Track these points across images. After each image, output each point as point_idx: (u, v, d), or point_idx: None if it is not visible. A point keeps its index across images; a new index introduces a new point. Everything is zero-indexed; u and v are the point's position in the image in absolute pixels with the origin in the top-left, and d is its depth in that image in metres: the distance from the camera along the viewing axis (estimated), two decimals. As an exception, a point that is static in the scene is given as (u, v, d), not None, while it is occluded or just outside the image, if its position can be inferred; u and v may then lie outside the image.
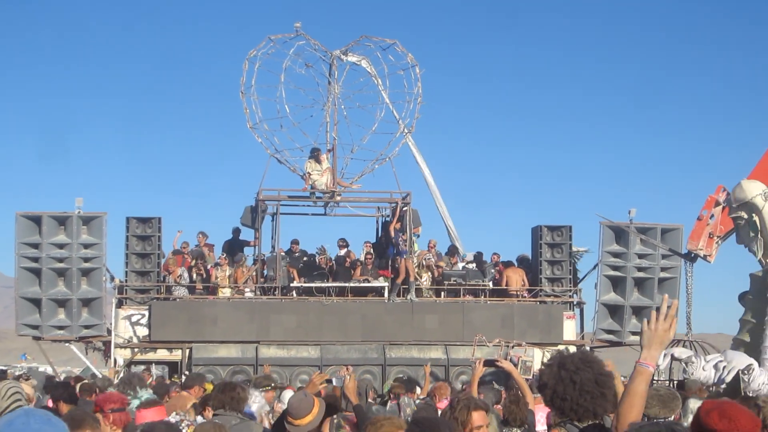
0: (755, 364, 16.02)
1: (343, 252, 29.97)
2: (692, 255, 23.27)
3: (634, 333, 28.65)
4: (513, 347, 26.31)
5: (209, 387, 21.77)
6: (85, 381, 18.72)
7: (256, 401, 9.49)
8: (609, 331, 29.02)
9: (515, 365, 25.48)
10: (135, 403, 10.18)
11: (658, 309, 5.55)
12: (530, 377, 24.77)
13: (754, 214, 18.26)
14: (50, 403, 12.83)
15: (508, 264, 30.49)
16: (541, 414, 12.94)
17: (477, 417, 7.32)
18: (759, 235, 18.23)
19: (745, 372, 15.70)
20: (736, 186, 18.91)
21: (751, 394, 13.86)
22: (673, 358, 17.76)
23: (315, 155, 29.25)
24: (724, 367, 16.28)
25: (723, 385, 16.14)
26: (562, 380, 5.85)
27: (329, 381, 10.43)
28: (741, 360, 16.21)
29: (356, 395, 10.18)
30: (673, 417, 9.22)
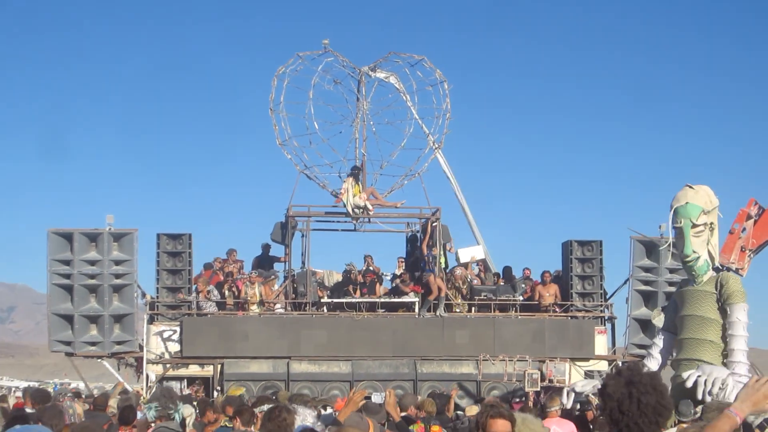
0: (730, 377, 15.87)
1: (369, 268, 30.01)
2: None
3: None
4: (517, 362, 26.50)
5: (237, 392, 21.86)
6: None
7: (309, 418, 9.48)
8: (641, 346, 28.82)
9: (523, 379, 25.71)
10: (177, 417, 10.20)
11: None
12: (538, 389, 24.92)
13: (712, 222, 18.10)
14: None
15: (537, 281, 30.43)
16: (555, 428, 12.92)
17: (495, 424, 7.30)
18: (710, 244, 18.08)
19: (722, 387, 15.62)
20: (705, 191, 18.57)
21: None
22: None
23: (355, 173, 29.24)
24: (705, 381, 16.23)
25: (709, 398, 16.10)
26: (630, 397, 5.91)
27: (368, 398, 10.44)
28: (721, 372, 16.09)
29: (397, 411, 10.19)
30: None
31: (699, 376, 15.99)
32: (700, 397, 15.60)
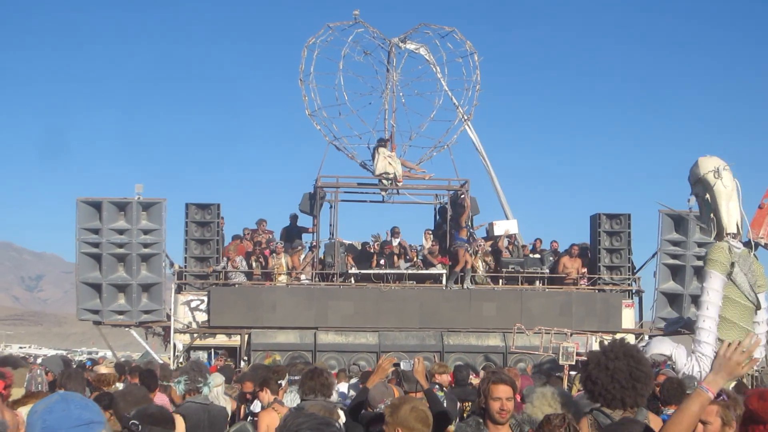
0: (677, 351, 16.05)
1: (396, 240, 29.97)
2: (753, 244, 22.89)
3: (693, 322, 28.43)
4: (554, 335, 26.37)
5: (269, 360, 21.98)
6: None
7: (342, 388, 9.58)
8: (667, 320, 28.78)
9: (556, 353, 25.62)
10: (206, 390, 10.23)
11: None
12: (573, 362, 24.79)
13: (707, 193, 17.94)
14: None
15: (564, 252, 30.32)
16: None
17: (496, 389, 7.32)
18: (711, 215, 17.97)
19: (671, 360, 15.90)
20: (693, 164, 18.61)
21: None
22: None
23: (382, 145, 29.22)
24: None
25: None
26: (598, 365, 6.09)
27: (397, 365, 10.40)
28: (661, 348, 16.32)
29: (425, 379, 10.15)
30: None
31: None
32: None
